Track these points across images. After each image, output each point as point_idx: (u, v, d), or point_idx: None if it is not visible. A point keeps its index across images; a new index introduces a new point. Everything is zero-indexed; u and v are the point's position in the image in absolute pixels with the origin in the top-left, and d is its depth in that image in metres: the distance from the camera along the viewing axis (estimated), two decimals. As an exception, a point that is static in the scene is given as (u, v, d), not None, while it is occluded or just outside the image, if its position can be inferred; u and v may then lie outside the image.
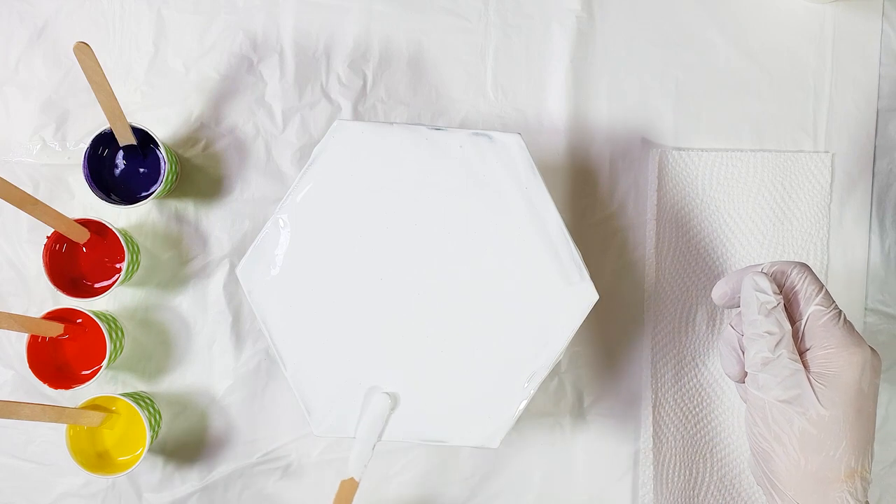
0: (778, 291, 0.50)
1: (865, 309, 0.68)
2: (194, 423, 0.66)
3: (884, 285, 0.68)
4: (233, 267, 0.66)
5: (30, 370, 0.60)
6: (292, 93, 0.66)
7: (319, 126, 0.66)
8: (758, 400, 0.49)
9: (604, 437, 0.68)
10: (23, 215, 0.64)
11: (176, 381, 0.66)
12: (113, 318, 0.64)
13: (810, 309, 0.48)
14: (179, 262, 0.66)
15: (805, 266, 0.50)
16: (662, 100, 0.68)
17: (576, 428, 0.68)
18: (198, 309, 0.66)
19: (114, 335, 0.62)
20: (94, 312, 0.61)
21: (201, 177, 0.66)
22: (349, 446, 0.61)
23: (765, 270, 0.51)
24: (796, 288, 0.49)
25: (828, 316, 0.48)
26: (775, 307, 0.49)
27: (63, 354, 0.62)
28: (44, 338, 0.61)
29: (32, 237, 0.66)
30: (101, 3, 0.66)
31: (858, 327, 0.66)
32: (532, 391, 0.54)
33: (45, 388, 0.60)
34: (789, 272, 0.50)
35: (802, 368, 0.48)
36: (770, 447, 0.48)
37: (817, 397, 0.46)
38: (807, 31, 0.68)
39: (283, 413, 0.66)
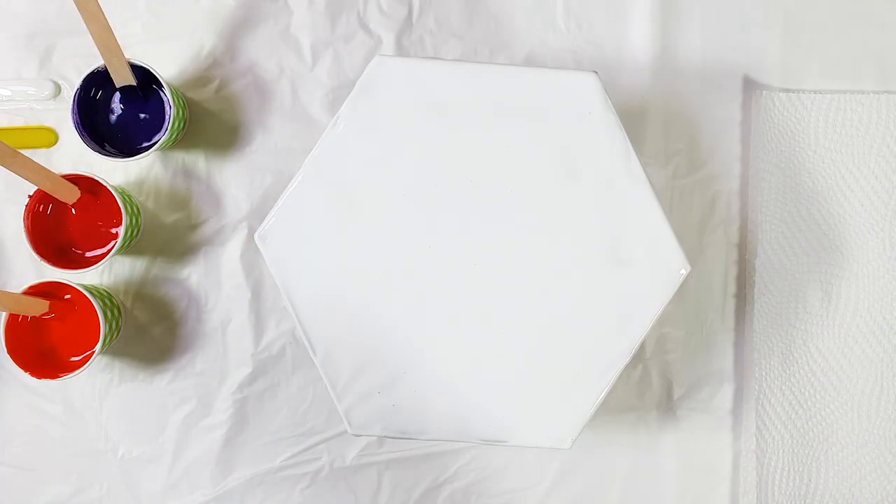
0: None
1: None
2: (206, 420, 0.64)
3: None
4: (252, 232, 0.64)
5: (8, 356, 0.58)
6: (323, 23, 0.65)
7: (356, 63, 0.65)
8: None
9: (697, 435, 0.66)
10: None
11: (184, 370, 0.64)
12: (108, 293, 0.63)
13: None
14: (188, 226, 0.65)
15: None
16: (768, 31, 0.66)
17: (664, 425, 0.66)
18: (210, 282, 0.65)
19: (109, 314, 0.60)
20: (86, 287, 0.60)
21: (214, 123, 0.65)
22: (392, 447, 0.65)
23: None
24: None
25: None
26: None
27: (48, 337, 0.61)
28: (25, 317, 0.59)
29: (11, 196, 0.64)
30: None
31: None
32: (611, 381, 0.52)
33: (27, 376, 0.58)
34: None
35: None
36: None
37: None
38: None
39: (313, 407, 0.65)
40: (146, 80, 0.60)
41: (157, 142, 0.59)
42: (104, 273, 0.64)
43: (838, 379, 0.64)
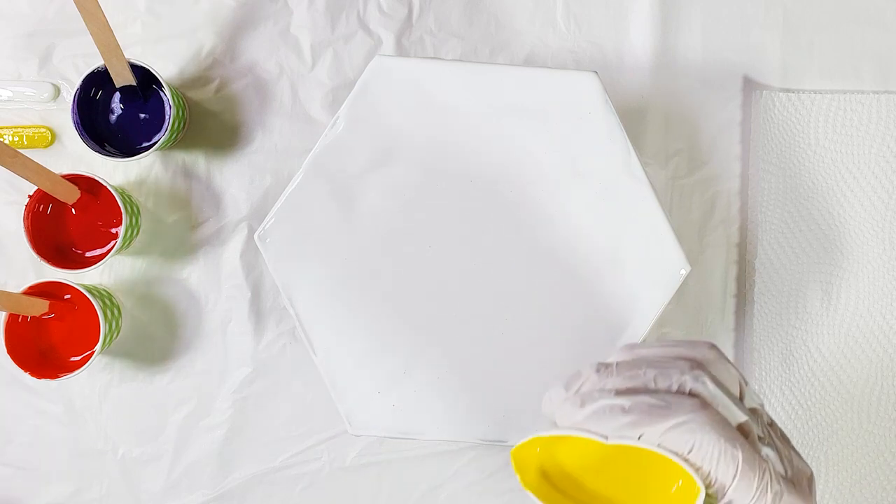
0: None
1: None
2: (206, 420, 0.64)
3: None
4: (252, 232, 0.64)
5: (8, 356, 0.58)
6: (323, 23, 0.64)
7: (356, 63, 0.64)
8: None
9: (697, 435, 0.63)
10: (-1, 170, 0.61)
11: (184, 369, 0.64)
12: (108, 293, 0.62)
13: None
14: (188, 226, 0.64)
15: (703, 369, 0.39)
16: (768, 31, 0.65)
17: (664, 425, 0.63)
18: (210, 282, 0.64)
19: (109, 314, 0.60)
20: (86, 287, 0.59)
21: (214, 124, 0.64)
22: (392, 447, 0.64)
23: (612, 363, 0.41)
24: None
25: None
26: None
27: (48, 337, 0.60)
28: (25, 317, 0.59)
29: (11, 196, 0.63)
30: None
31: None
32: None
33: (27, 376, 0.58)
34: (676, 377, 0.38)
35: None
36: None
37: None
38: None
39: (313, 407, 0.64)
40: (146, 80, 0.59)
41: (157, 142, 0.59)
42: (104, 273, 0.63)
43: (838, 379, 0.63)
